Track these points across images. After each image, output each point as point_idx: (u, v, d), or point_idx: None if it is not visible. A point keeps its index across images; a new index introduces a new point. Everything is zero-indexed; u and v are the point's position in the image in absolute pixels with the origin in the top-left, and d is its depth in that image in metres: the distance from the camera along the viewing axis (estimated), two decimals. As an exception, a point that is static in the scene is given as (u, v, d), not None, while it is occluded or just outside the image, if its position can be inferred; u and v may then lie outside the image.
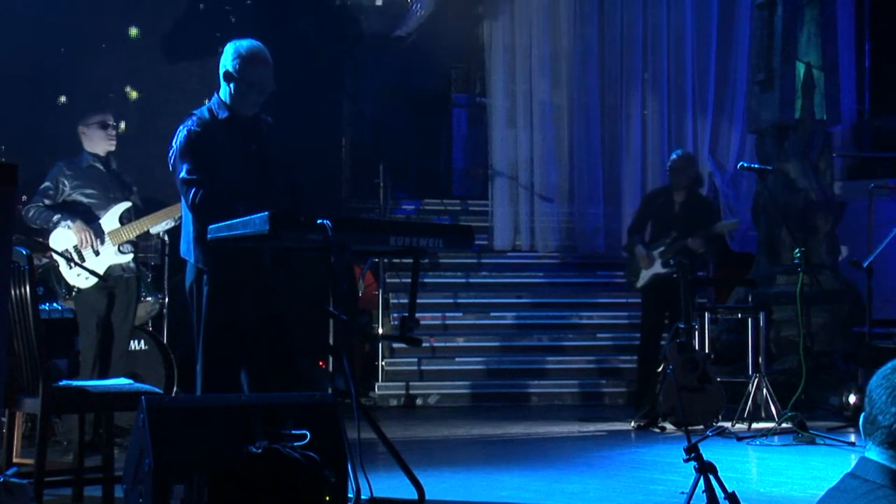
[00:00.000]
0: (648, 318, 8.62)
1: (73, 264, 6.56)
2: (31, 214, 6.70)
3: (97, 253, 6.65)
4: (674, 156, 8.88)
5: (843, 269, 9.98)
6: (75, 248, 6.63)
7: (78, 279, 6.59)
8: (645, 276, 8.47)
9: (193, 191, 4.86)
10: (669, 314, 8.49)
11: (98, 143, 6.83)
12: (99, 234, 6.69)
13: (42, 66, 9.10)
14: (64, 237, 6.66)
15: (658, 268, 8.40)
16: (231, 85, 5.00)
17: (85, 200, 6.75)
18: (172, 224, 6.73)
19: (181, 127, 5.00)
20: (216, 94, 5.08)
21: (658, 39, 11.35)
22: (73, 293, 6.67)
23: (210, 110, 5.04)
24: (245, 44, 5.02)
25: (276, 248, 4.81)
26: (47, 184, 6.75)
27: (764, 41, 10.06)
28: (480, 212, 11.34)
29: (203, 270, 4.91)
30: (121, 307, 6.74)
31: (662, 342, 8.51)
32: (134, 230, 6.75)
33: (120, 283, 6.74)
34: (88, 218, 6.70)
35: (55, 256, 6.63)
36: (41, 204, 6.71)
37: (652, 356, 8.43)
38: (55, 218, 6.65)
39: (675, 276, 8.04)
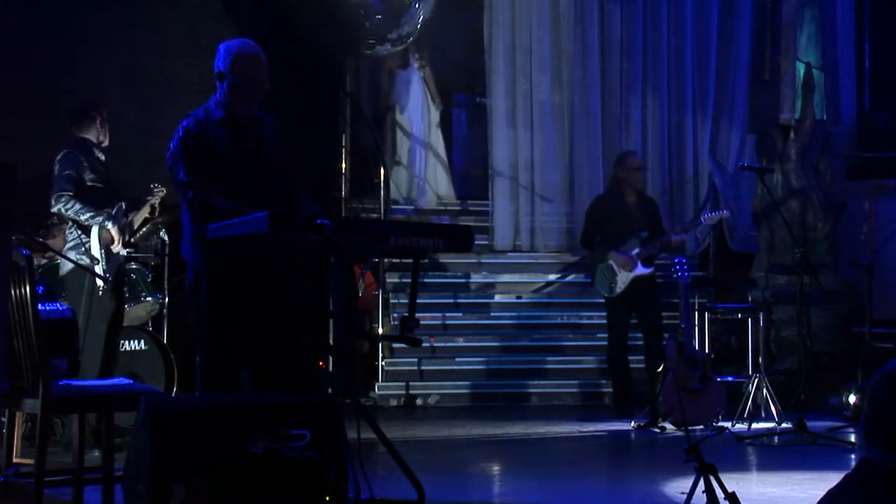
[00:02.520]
0: (621, 318, 8.59)
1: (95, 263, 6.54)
2: (66, 207, 6.54)
3: (117, 254, 6.66)
4: (632, 154, 8.89)
5: (843, 269, 9.97)
6: (108, 246, 6.60)
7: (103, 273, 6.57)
8: (625, 279, 8.38)
9: (192, 193, 4.86)
10: (638, 312, 8.49)
11: (92, 132, 6.79)
12: (132, 232, 6.73)
13: (40, 66, 9.08)
14: (106, 236, 6.60)
15: (641, 269, 8.36)
16: (224, 84, 5.00)
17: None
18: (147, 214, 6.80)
19: (179, 128, 5.00)
20: (214, 95, 5.09)
21: (658, 39, 11.33)
22: (89, 293, 6.59)
23: (206, 110, 5.04)
24: (235, 42, 5.03)
25: (275, 247, 4.81)
26: (69, 171, 6.60)
27: (764, 41, 10.07)
28: (480, 212, 11.31)
29: (201, 271, 4.91)
30: (120, 306, 6.77)
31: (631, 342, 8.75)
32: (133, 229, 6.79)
33: (119, 282, 6.77)
34: (116, 213, 6.66)
35: (95, 254, 6.54)
36: (69, 193, 6.56)
37: (622, 353, 8.64)
38: (99, 218, 6.55)
39: (674, 276, 8.06)
